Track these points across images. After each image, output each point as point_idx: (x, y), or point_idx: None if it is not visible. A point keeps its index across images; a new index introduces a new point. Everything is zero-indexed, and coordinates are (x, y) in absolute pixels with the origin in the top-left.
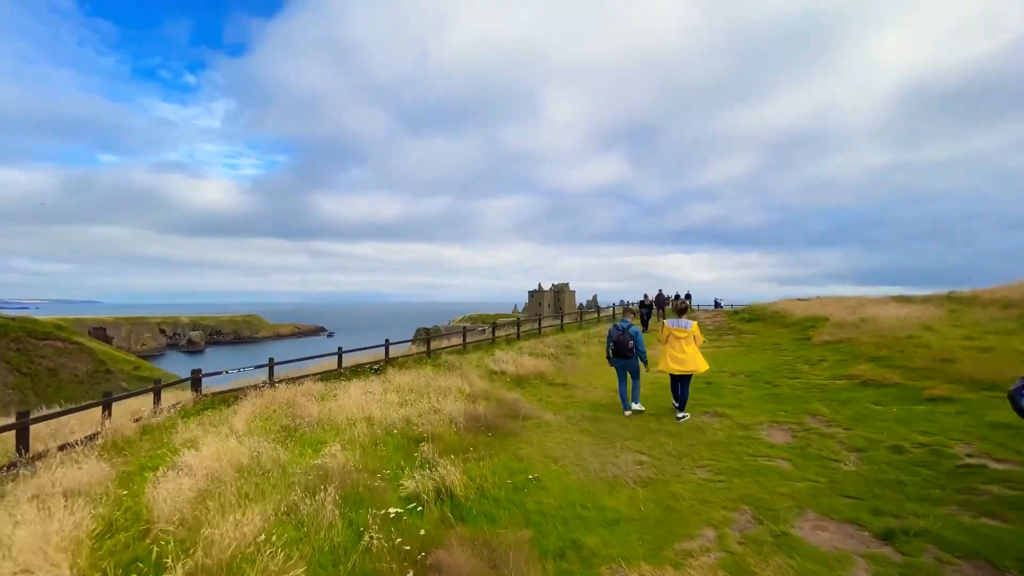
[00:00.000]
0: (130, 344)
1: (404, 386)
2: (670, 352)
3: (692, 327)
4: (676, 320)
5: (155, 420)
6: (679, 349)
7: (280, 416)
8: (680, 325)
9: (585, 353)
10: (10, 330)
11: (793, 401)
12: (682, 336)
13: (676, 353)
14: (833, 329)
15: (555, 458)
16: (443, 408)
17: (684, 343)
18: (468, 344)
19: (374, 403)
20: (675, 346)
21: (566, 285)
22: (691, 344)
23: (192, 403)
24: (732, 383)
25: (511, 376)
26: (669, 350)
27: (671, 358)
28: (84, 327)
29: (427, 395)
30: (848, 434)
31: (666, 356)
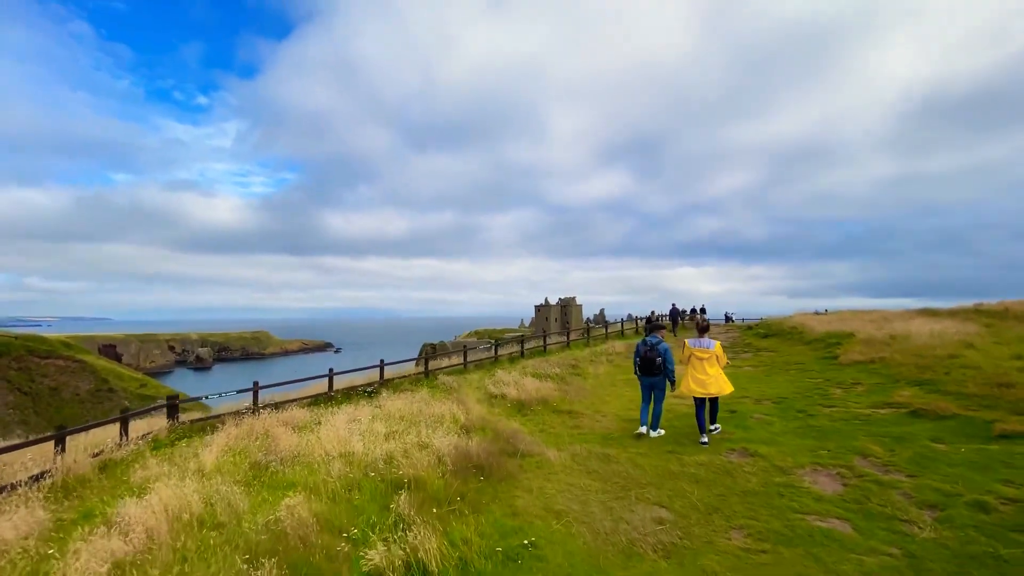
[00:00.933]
0: (139, 361)
1: (395, 413)
2: (692, 374)
3: (715, 347)
4: (697, 340)
5: (119, 454)
6: (701, 371)
7: (254, 450)
8: (702, 345)
9: (592, 374)
10: (13, 348)
11: (835, 436)
12: (704, 357)
13: (698, 375)
14: (862, 347)
15: (557, 512)
16: (432, 443)
17: (707, 364)
18: (469, 363)
19: (357, 435)
20: (697, 367)
21: (573, 299)
22: (714, 365)
23: (167, 432)
24: (759, 411)
25: (512, 401)
26: (691, 371)
27: (693, 380)
28: (94, 344)
29: (418, 424)
30: (913, 483)
31: (688, 378)
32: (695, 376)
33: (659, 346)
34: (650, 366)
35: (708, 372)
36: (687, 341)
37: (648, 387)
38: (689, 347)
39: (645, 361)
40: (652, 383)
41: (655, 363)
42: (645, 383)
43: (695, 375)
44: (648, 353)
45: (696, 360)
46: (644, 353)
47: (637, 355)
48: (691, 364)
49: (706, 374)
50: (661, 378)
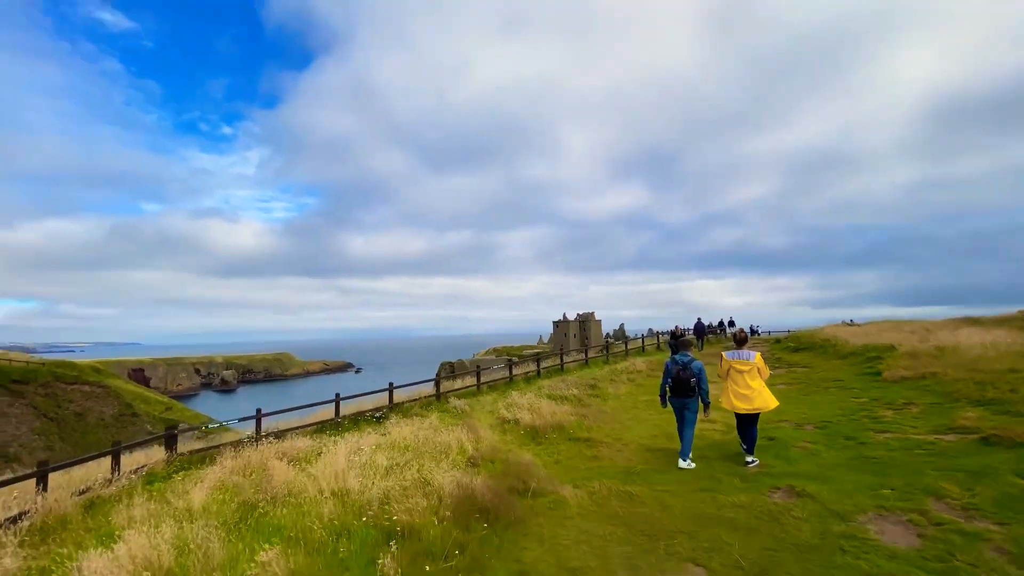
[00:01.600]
0: (167, 385)
1: (400, 442)
2: (732, 388)
3: (755, 359)
4: (736, 351)
5: (109, 490)
6: (743, 384)
7: (246, 486)
8: (741, 357)
9: (612, 395)
10: (40, 375)
11: (898, 471)
12: (744, 369)
13: (740, 389)
14: (907, 361)
15: (572, 570)
16: (434, 479)
17: (748, 377)
18: (483, 384)
19: (356, 468)
20: (738, 381)
21: (591, 315)
22: (756, 378)
23: (164, 464)
24: (801, 438)
25: (525, 427)
26: (731, 386)
27: (734, 395)
28: (124, 369)
29: (422, 456)
30: (1006, 533)
31: (728, 393)
32: (736, 391)
33: (692, 364)
34: (684, 387)
35: (751, 385)
36: (724, 354)
37: (679, 407)
38: (727, 360)
39: (678, 382)
40: (682, 405)
41: (688, 384)
42: (678, 405)
43: (736, 389)
44: (681, 373)
45: (736, 373)
46: (676, 373)
47: (668, 376)
48: (730, 378)
49: (748, 388)
50: (695, 399)
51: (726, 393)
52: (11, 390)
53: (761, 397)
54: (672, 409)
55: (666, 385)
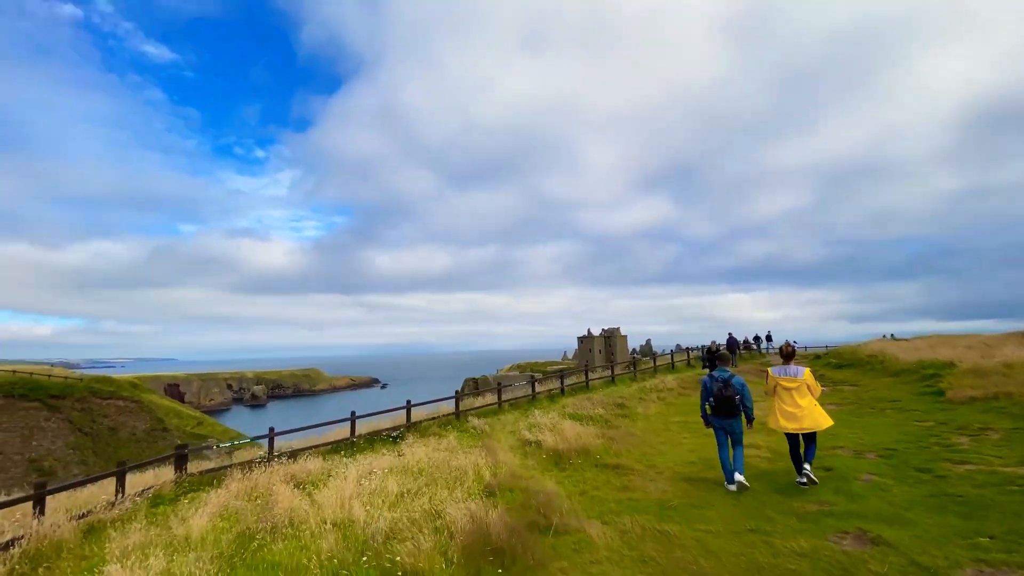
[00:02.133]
0: (200, 399)
1: (414, 465)
2: (779, 406)
3: (804, 375)
4: (783, 368)
5: (112, 514)
6: (791, 403)
7: (248, 513)
8: (788, 373)
9: (641, 415)
10: (76, 390)
11: (992, 512)
12: (792, 386)
13: (787, 407)
14: (971, 379)
15: None
16: (446, 510)
17: (796, 395)
18: (504, 402)
19: (365, 496)
20: (785, 399)
21: (617, 330)
22: (805, 396)
23: (172, 485)
24: (863, 468)
25: (548, 450)
26: (778, 404)
27: (781, 413)
28: (160, 384)
29: (436, 483)
30: None
31: (775, 411)
32: (783, 409)
33: (733, 381)
34: (728, 406)
35: (799, 403)
36: (770, 370)
37: (723, 430)
38: (774, 376)
39: (721, 400)
40: (729, 425)
41: (733, 402)
42: (720, 425)
43: (784, 408)
44: (723, 391)
45: (783, 390)
46: (718, 391)
47: (708, 394)
48: (778, 395)
49: (797, 406)
50: (739, 419)
51: (773, 412)
52: (49, 404)
53: (811, 416)
54: (712, 431)
55: (707, 404)
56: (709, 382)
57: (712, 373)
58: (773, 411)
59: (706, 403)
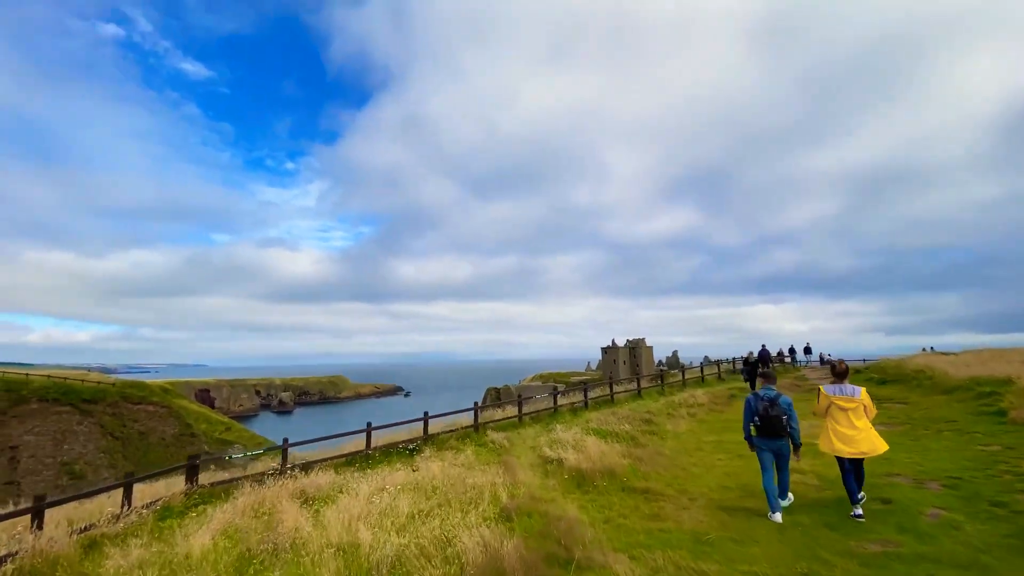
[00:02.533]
0: (229, 405)
1: (428, 482)
2: (833, 428)
3: (861, 395)
4: (838, 386)
5: (116, 528)
6: (846, 424)
7: (253, 531)
8: (845, 393)
9: (671, 433)
10: (109, 394)
11: None
12: (849, 407)
13: (843, 429)
14: None
15: None
16: (458, 537)
17: (852, 416)
18: (524, 415)
19: (374, 516)
20: (840, 420)
21: (642, 341)
22: (862, 417)
23: (182, 497)
24: (927, 501)
25: (570, 470)
26: (832, 425)
27: (836, 436)
28: (192, 389)
29: (449, 503)
30: None
31: (828, 434)
32: (838, 431)
33: (780, 400)
34: (775, 427)
35: (856, 425)
36: (823, 388)
37: (768, 451)
38: (827, 395)
39: (768, 421)
40: (774, 447)
41: (780, 422)
42: (766, 447)
43: (838, 429)
44: (769, 410)
45: (838, 411)
46: (763, 411)
47: (753, 414)
48: (831, 416)
49: (854, 428)
50: (785, 441)
51: (825, 434)
52: (81, 409)
53: (868, 439)
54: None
55: (751, 424)
56: (754, 401)
57: (757, 391)
58: (826, 433)
59: (750, 423)
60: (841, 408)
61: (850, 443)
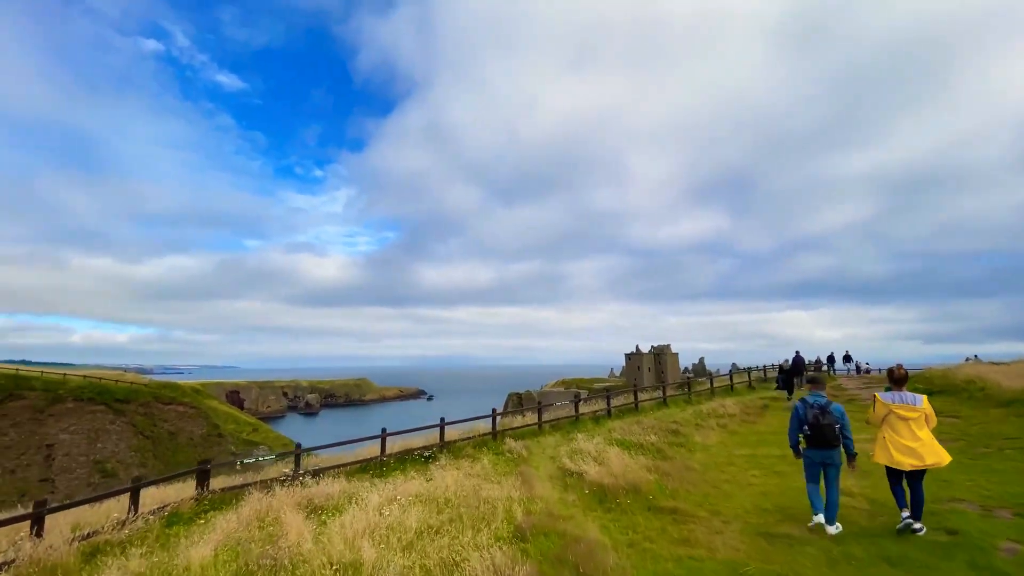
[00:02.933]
0: (258, 406)
1: (441, 493)
2: (892, 438)
3: (923, 403)
4: (897, 393)
5: (121, 534)
6: (907, 435)
7: (253, 544)
8: (905, 401)
9: (700, 445)
10: (141, 395)
11: None
12: (911, 416)
13: (904, 440)
14: None
15: None
16: (468, 559)
17: (914, 426)
18: (544, 423)
19: (381, 531)
20: (900, 431)
21: (667, 347)
22: (924, 427)
23: (192, 503)
24: (1001, 533)
25: (591, 484)
26: (890, 436)
27: (895, 447)
28: (223, 390)
29: (461, 518)
30: None
31: (886, 444)
32: (898, 442)
33: (831, 408)
34: (827, 436)
35: (918, 436)
36: (879, 395)
37: (818, 464)
38: (884, 403)
39: (818, 430)
40: (826, 458)
41: (833, 431)
42: (815, 459)
43: (898, 440)
44: (819, 418)
45: (897, 420)
46: (813, 419)
47: (802, 422)
48: (889, 426)
49: (917, 439)
50: (838, 450)
51: (882, 445)
52: (114, 408)
53: (932, 451)
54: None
55: (798, 434)
56: (802, 409)
57: (805, 398)
58: (881, 443)
59: (798, 432)
60: (901, 418)
61: (912, 455)
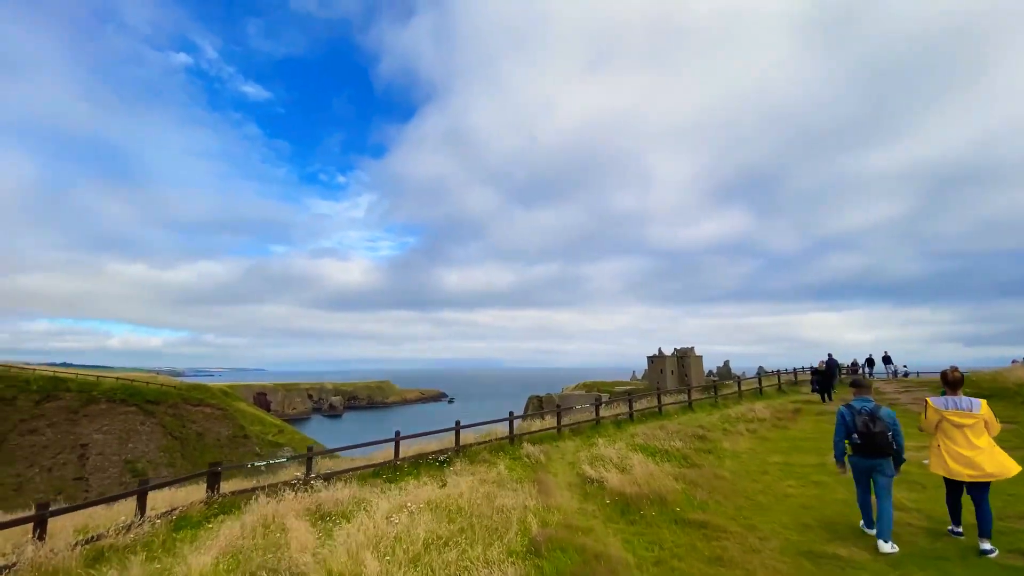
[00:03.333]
0: (284, 408)
1: (453, 501)
2: (947, 447)
3: (981, 408)
4: (952, 398)
5: (126, 539)
6: (964, 443)
7: (256, 553)
8: (960, 406)
9: (730, 452)
10: (170, 396)
11: None
12: (967, 423)
13: (960, 449)
14: None
15: None
16: (478, 575)
17: (970, 433)
18: (564, 427)
19: (387, 542)
20: (956, 438)
21: (691, 350)
22: (982, 434)
23: (202, 506)
24: None
25: (613, 493)
26: (945, 444)
27: (951, 456)
28: (251, 393)
29: (472, 529)
30: None
31: (941, 453)
32: (953, 450)
33: (881, 413)
34: (878, 444)
35: (976, 444)
36: (931, 400)
37: (866, 472)
38: (936, 408)
39: (869, 438)
40: (874, 467)
41: (885, 439)
42: (862, 467)
43: (954, 449)
44: (869, 424)
45: (952, 428)
46: (861, 425)
47: (850, 429)
48: (943, 433)
49: (974, 447)
50: (888, 460)
51: (936, 454)
52: (145, 410)
53: (993, 459)
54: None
55: (844, 441)
56: (848, 414)
57: (851, 404)
58: (936, 453)
59: (844, 439)
60: (956, 424)
61: (970, 465)
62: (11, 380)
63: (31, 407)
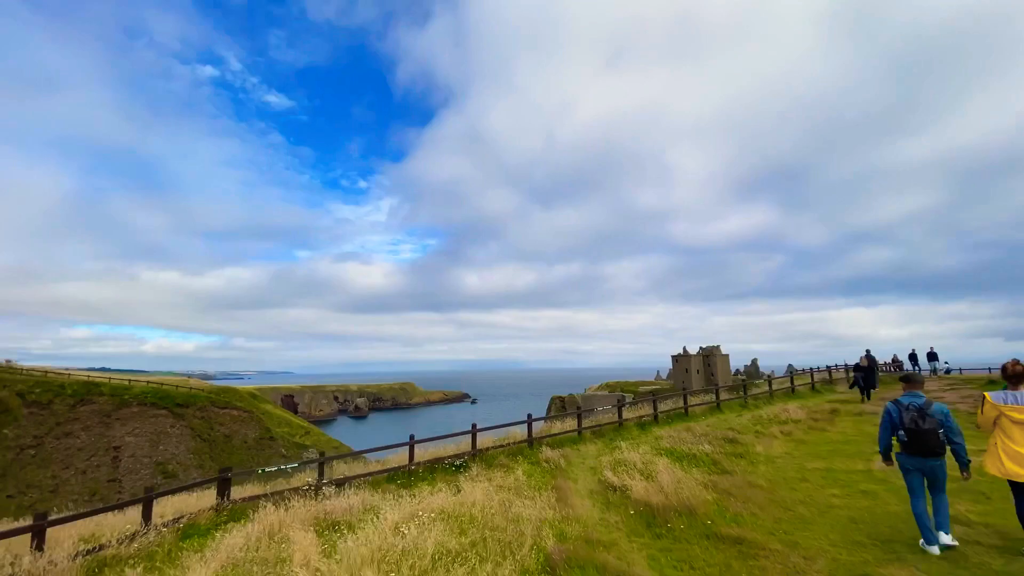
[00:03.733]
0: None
1: (466, 510)
2: (1005, 445)
3: None
4: (1011, 392)
5: (130, 548)
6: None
7: (256, 564)
8: (1021, 401)
9: (763, 456)
10: (199, 399)
11: None
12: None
13: (1018, 447)
14: None
15: None
16: None
17: None
18: (585, 429)
19: (395, 555)
20: (1014, 435)
21: (717, 348)
22: None
23: (211, 513)
24: None
25: (637, 502)
26: (1003, 442)
27: (1007, 455)
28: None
29: (485, 542)
30: None
31: (997, 452)
32: (1011, 449)
33: (933, 409)
34: (928, 443)
35: None
36: (988, 395)
37: (920, 473)
38: (994, 404)
39: (917, 436)
40: (930, 468)
41: (936, 437)
42: (915, 467)
43: (1011, 447)
44: (919, 422)
45: (1012, 425)
46: (910, 422)
47: (897, 426)
48: (1002, 430)
49: None
50: (943, 460)
51: (992, 453)
52: (175, 413)
53: None
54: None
55: (892, 439)
56: (895, 411)
57: (899, 400)
58: (994, 452)
59: (890, 437)
60: (1015, 421)
61: None
62: (48, 385)
63: (66, 411)
